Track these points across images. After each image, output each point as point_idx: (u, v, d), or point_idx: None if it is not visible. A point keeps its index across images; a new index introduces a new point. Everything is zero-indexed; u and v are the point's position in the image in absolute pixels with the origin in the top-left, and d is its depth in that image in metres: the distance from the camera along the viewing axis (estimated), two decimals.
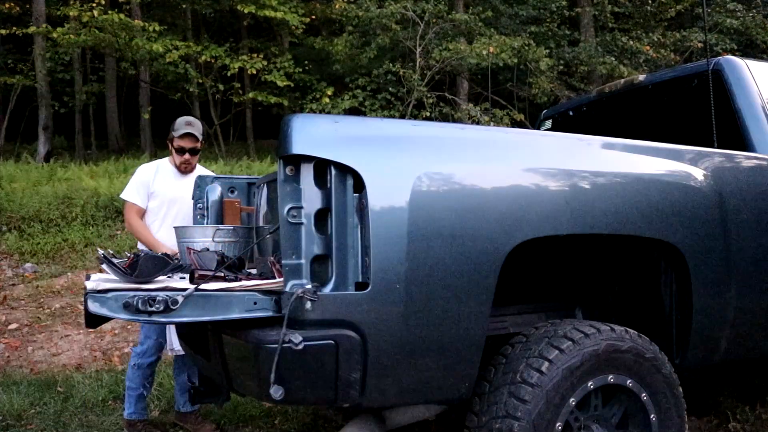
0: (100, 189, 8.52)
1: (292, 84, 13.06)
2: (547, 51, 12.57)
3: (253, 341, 1.97)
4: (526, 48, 11.90)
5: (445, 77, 13.24)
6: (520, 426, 2.12)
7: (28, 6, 14.25)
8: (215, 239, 2.79)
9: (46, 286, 6.71)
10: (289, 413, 3.93)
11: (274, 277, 2.22)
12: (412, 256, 1.99)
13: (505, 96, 13.45)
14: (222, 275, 2.19)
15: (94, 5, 11.73)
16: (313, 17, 14.41)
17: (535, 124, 4.51)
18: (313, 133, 1.99)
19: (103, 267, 2.27)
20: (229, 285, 2.08)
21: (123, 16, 11.90)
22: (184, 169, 3.85)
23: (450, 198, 2.08)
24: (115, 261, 2.23)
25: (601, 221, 2.34)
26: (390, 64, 11.99)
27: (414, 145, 2.12)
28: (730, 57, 3.15)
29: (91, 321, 2.13)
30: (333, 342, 1.93)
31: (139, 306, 1.92)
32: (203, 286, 2.02)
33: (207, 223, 3.28)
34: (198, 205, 3.36)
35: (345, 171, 1.99)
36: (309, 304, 1.91)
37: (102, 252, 2.27)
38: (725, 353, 2.72)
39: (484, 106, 12.30)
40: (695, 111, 3.27)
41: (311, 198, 1.99)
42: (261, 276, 2.32)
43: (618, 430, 2.41)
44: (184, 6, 13.91)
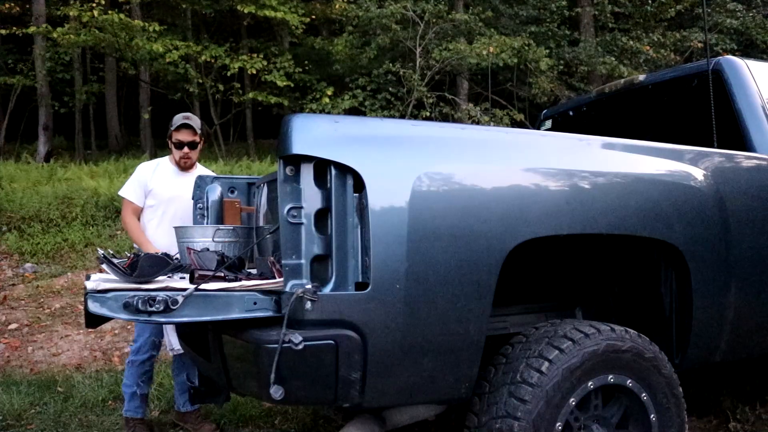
0: (100, 189, 8.52)
1: (292, 84, 13.05)
2: (547, 51, 12.57)
3: (253, 341, 1.97)
4: (526, 48, 11.90)
5: (445, 77, 13.24)
6: (520, 426, 2.12)
7: (28, 6, 14.27)
8: (215, 239, 2.79)
9: (46, 286, 6.71)
10: (289, 413, 3.93)
11: (274, 277, 2.22)
12: (412, 256, 1.99)
13: (505, 96, 13.45)
14: (222, 275, 2.19)
15: (94, 5, 11.72)
16: (313, 17, 14.42)
17: (535, 124, 4.51)
18: (313, 133, 1.99)
19: (103, 267, 2.27)
20: (229, 285, 2.08)
21: (123, 16, 11.90)
22: (183, 165, 3.79)
23: (450, 198, 2.08)
24: (115, 261, 2.23)
25: (601, 221, 2.34)
26: (390, 64, 11.99)
27: (414, 145, 2.12)
28: (730, 57, 3.15)
29: (91, 321, 2.13)
30: (333, 342, 1.93)
31: (139, 306, 1.92)
32: (203, 286, 2.02)
33: (207, 223, 3.28)
34: (198, 205, 3.36)
35: (345, 171, 1.99)
36: (309, 304, 1.91)
37: (102, 252, 2.27)
38: (725, 353, 2.72)
39: (484, 106, 12.30)
40: (695, 111, 3.27)
41: (311, 198, 1.99)
42: (261, 276, 2.32)
43: (618, 430, 2.41)
44: (184, 6, 13.90)
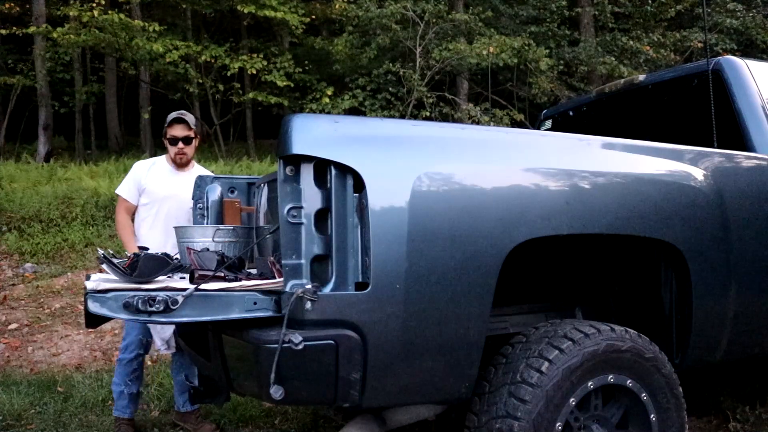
0: (100, 189, 8.51)
1: (292, 84, 13.05)
2: (547, 51, 12.57)
3: (253, 341, 1.97)
4: (526, 48, 11.90)
5: (445, 77, 13.23)
6: (520, 426, 2.12)
7: (28, 6, 14.27)
8: (215, 239, 2.79)
9: (46, 286, 6.70)
10: (289, 413, 3.93)
11: (274, 277, 2.21)
12: (412, 256, 1.99)
13: (505, 96, 13.45)
14: (222, 275, 2.19)
15: (94, 5, 11.72)
16: (313, 17, 14.42)
17: (535, 124, 4.51)
18: (313, 133, 1.99)
19: (103, 267, 2.27)
20: (229, 285, 2.08)
21: (123, 16, 11.89)
22: (179, 161, 3.74)
23: (450, 198, 2.08)
24: (115, 261, 2.23)
25: (601, 221, 2.34)
26: (390, 64, 11.99)
27: (414, 145, 2.12)
28: (730, 57, 3.15)
29: (91, 321, 2.13)
30: (333, 342, 1.93)
31: (139, 306, 1.92)
32: (203, 286, 2.02)
33: (207, 223, 3.28)
34: (198, 205, 3.36)
35: (345, 171, 1.99)
36: (309, 304, 1.91)
37: (102, 252, 2.27)
38: (725, 353, 2.72)
39: (484, 106, 12.30)
40: (695, 111, 3.27)
41: (311, 198, 1.99)
42: (261, 276, 2.32)
43: (618, 430, 2.41)
44: (184, 6, 13.90)
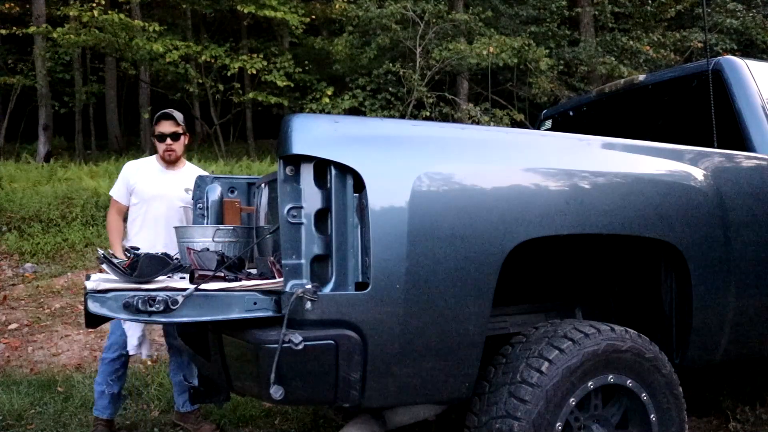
0: (100, 189, 8.51)
1: (292, 84, 13.06)
2: (547, 51, 12.58)
3: (253, 341, 1.97)
4: (526, 48, 11.90)
5: (445, 77, 13.24)
6: (520, 426, 2.12)
7: (28, 6, 14.26)
8: (215, 239, 2.79)
9: (46, 286, 6.70)
10: (289, 413, 3.93)
11: (274, 277, 2.22)
12: (412, 256, 1.99)
13: (505, 96, 13.45)
14: (222, 275, 2.19)
15: (94, 5, 11.73)
16: (313, 17, 14.42)
17: (535, 124, 4.51)
18: (313, 133, 1.99)
19: (103, 267, 2.27)
20: (229, 285, 2.08)
21: (123, 16, 11.91)
22: (168, 158, 3.70)
23: (450, 198, 2.08)
24: (115, 261, 2.24)
25: (601, 221, 2.34)
26: (390, 64, 12.00)
27: (414, 145, 2.12)
28: (730, 57, 3.14)
29: (91, 321, 2.13)
30: (333, 342, 1.93)
31: (139, 306, 1.92)
32: (203, 286, 2.02)
33: (207, 223, 3.28)
34: (198, 205, 3.36)
35: (345, 171, 1.99)
36: (309, 304, 1.91)
37: (102, 252, 2.27)
38: (725, 353, 2.71)
39: (484, 106, 12.31)
40: (695, 111, 3.27)
41: (311, 198, 1.99)
42: (261, 276, 2.32)
43: (618, 430, 2.41)
44: (184, 6, 13.91)
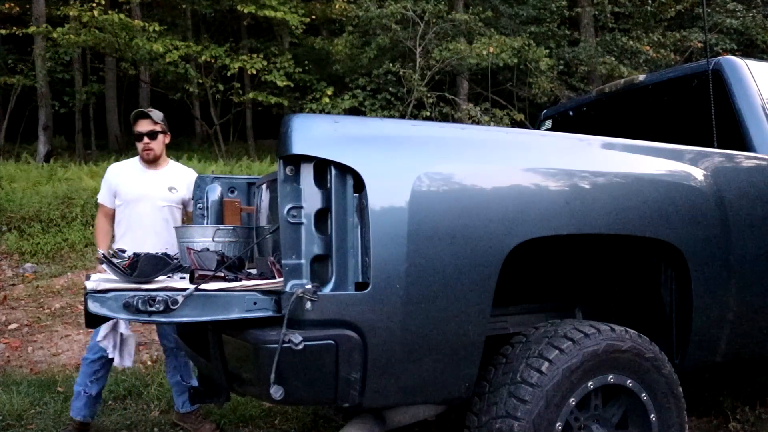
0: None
1: (292, 84, 13.06)
2: (547, 51, 12.58)
3: (253, 341, 1.97)
4: (526, 48, 11.90)
5: (445, 77, 13.24)
6: (520, 426, 2.12)
7: (28, 6, 14.25)
8: (215, 239, 2.79)
9: (46, 286, 6.70)
10: (289, 413, 3.93)
11: (274, 277, 2.21)
12: (412, 256, 1.99)
13: (505, 96, 13.45)
14: (222, 275, 2.19)
15: (94, 5, 11.73)
16: (313, 17, 14.42)
17: (535, 124, 4.51)
18: (313, 133, 1.99)
19: (103, 267, 2.27)
20: (229, 285, 2.08)
21: (123, 16, 11.90)
22: (146, 157, 3.68)
23: (450, 198, 2.08)
24: (115, 261, 2.24)
25: (601, 221, 2.34)
26: (390, 64, 12.00)
27: (414, 145, 2.12)
28: (730, 57, 3.14)
29: (91, 321, 2.13)
30: (333, 342, 1.93)
31: (139, 306, 1.92)
32: (203, 286, 2.02)
33: (207, 223, 3.28)
34: (198, 205, 3.36)
35: (345, 171, 1.99)
36: (309, 304, 1.91)
37: (102, 252, 2.28)
38: (725, 353, 2.71)
39: (484, 106, 12.31)
40: (695, 111, 3.27)
41: (311, 198, 1.99)
42: (261, 276, 2.32)
43: (618, 430, 2.41)
44: (184, 6, 13.92)
